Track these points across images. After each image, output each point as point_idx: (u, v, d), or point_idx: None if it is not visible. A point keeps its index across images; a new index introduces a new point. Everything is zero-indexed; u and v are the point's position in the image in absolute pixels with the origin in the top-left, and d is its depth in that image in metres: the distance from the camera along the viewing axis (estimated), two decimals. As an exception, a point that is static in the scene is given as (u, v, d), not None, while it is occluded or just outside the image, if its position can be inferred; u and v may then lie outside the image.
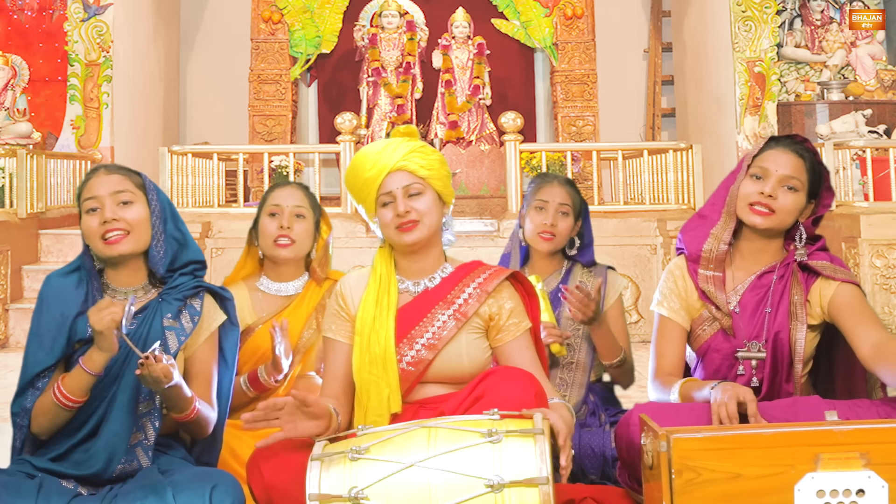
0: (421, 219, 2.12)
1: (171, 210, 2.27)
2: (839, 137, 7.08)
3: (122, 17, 7.99)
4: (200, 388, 2.21)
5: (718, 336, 2.36)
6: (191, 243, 2.28)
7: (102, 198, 2.16)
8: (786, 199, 2.31)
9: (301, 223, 2.73)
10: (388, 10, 9.07)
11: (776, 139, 2.40)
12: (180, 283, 2.21)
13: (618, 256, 6.39)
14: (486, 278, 2.17)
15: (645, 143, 8.74)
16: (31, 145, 7.62)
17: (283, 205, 2.73)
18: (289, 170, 7.38)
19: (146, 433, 2.12)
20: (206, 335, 2.25)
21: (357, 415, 2.14)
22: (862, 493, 1.73)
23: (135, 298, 2.11)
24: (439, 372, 2.13)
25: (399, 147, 2.16)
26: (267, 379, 2.58)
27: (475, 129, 8.90)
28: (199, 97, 9.92)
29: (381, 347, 2.10)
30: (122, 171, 2.22)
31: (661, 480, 1.76)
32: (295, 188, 2.80)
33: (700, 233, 2.41)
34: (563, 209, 2.83)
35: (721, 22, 7.93)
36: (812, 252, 2.36)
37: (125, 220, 2.15)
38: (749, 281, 2.37)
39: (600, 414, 2.80)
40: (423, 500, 1.72)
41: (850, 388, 2.38)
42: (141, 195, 2.21)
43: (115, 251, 2.15)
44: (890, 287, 5.67)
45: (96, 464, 2.07)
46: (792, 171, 2.32)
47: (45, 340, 2.13)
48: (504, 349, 2.17)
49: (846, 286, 2.29)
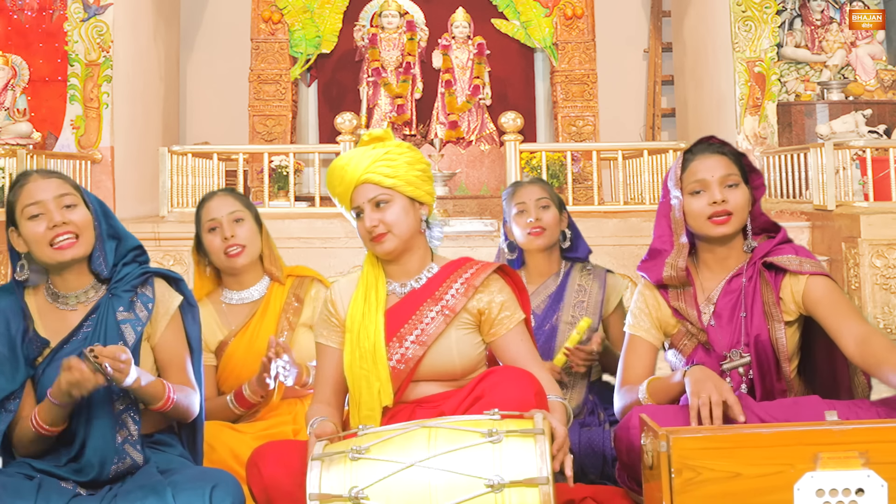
0: (390, 229, 2.12)
1: (102, 207, 2.21)
2: (839, 137, 7.08)
3: (122, 17, 7.99)
4: (176, 374, 2.18)
5: (699, 350, 2.36)
6: (124, 233, 2.23)
7: (46, 202, 2.09)
8: (736, 197, 2.31)
9: (242, 226, 2.70)
10: (388, 10, 9.07)
11: (689, 151, 2.39)
12: (126, 274, 2.17)
13: (618, 256, 6.39)
14: (473, 273, 2.17)
15: (645, 143, 8.74)
16: (31, 145, 7.62)
17: (218, 216, 2.69)
18: (289, 170, 7.38)
19: (129, 429, 2.10)
20: (167, 320, 2.21)
21: (351, 411, 2.16)
22: (861, 492, 1.73)
23: (91, 348, 2.02)
24: (430, 369, 2.14)
25: (363, 159, 2.14)
26: (252, 395, 2.57)
27: (475, 129, 8.90)
28: (199, 97, 9.92)
29: (371, 342, 2.11)
30: (57, 175, 2.16)
31: (661, 480, 1.77)
32: (222, 196, 2.76)
33: (657, 262, 2.39)
34: (542, 203, 2.86)
35: (721, 22, 7.93)
36: (775, 247, 2.35)
37: (74, 222, 2.10)
38: (720, 287, 2.36)
39: (600, 413, 2.81)
40: (424, 500, 1.72)
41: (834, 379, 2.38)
42: (80, 197, 2.15)
43: (65, 256, 2.09)
44: (890, 287, 5.67)
45: (91, 471, 2.07)
46: (725, 170, 2.32)
47: (3, 368, 2.08)
48: (499, 343, 2.17)
49: (816, 279, 2.28)
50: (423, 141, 8.83)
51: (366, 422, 2.09)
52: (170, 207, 6.90)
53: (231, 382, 2.65)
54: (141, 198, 8.02)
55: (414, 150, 2.19)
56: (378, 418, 2.10)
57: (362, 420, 2.10)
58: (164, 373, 2.19)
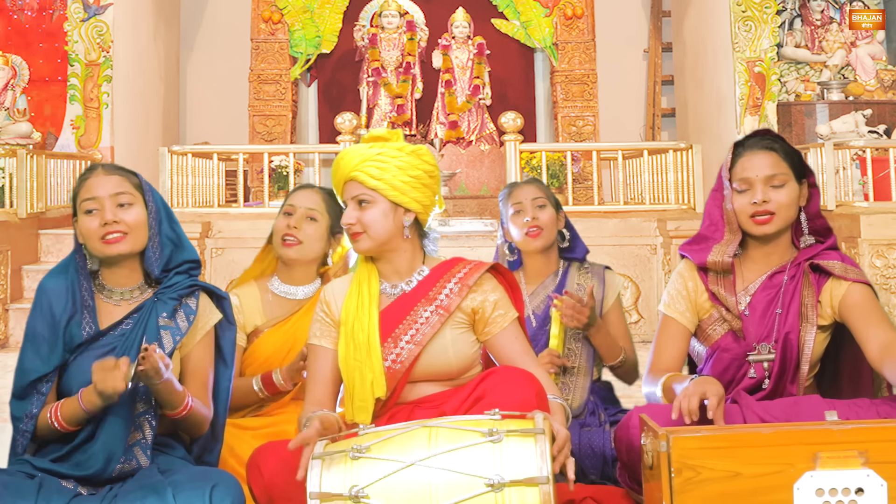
0: (365, 230, 2.13)
1: (167, 211, 2.27)
2: (839, 137, 7.08)
3: (122, 17, 7.99)
4: (196, 387, 2.21)
5: (728, 337, 2.35)
6: (185, 243, 2.27)
7: (102, 199, 2.16)
8: (780, 197, 2.29)
9: (311, 225, 2.71)
10: (388, 10, 9.07)
11: (740, 144, 2.38)
12: (175, 283, 2.21)
13: (618, 256, 6.39)
14: (466, 272, 2.17)
15: (645, 143, 8.74)
16: (31, 145, 7.62)
17: (296, 205, 2.73)
18: (289, 170, 7.39)
19: (144, 433, 2.12)
20: (202, 334, 2.25)
21: (346, 403, 2.16)
22: (861, 491, 1.74)
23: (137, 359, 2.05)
24: (427, 369, 2.14)
25: (355, 156, 2.14)
26: (283, 383, 2.58)
27: (475, 129, 8.91)
28: (199, 97, 9.92)
29: (365, 334, 2.12)
30: (120, 172, 2.22)
31: (661, 480, 1.77)
32: (313, 191, 2.79)
33: (703, 247, 2.40)
34: (538, 202, 2.85)
35: (721, 22, 7.93)
36: (823, 251, 2.34)
37: (125, 221, 2.15)
38: (760, 281, 2.36)
39: (600, 413, 2.80)
40: (424, 499, 1.72)
41: (856, 391, 2.37)
42: (139, 196, 2.21)
43: (113, 250, 2.15)
44: (890, 287, 5.67)
45: (95, 464, 2.07)
46: (771, 169, 2.30)
47: (40, 348, 2.12)
48: (493, 342, 2.17)
49: (857, 286, 2.27)
50: (423, 141, 8.84)
51: (358, 413, 2.10)
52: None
53: (254, 368, 2.66)
54: (141, 198, 8.01)
55: (414, 157, 2.15)
56: (370, 409, 2.10)
57: (355, 411, 2.11)
58: (184, 384, 2.20)
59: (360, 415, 2.10)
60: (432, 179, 2.19)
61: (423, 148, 2.21)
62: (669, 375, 2.29)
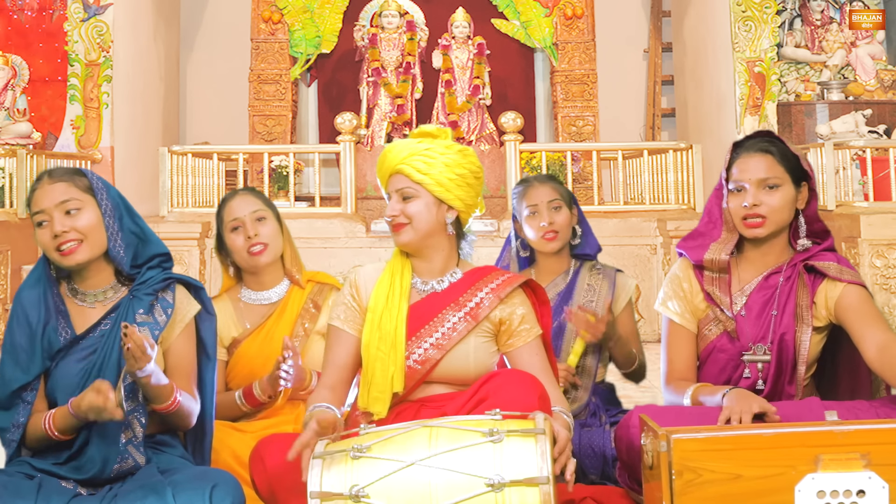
0: (410, 222, 2.15)
1: (125, 205, 2.23)
2: (839, 137, 7.08)
3: (122, 17, 7.98)
4: (181, 380, 2.19)
5: (724, 337, 2.36)
6: (151, 236, 2.25)
7: (50, 210, 2.12)
8: (771, 200, 2.29)
9: (265, 224, 2.71)
10: (388, 10, 9.06)
11: (739, 144, 2.37)
12: (149, 278, 2.19)
13: (618, 256, 6.38)
14: (500, 284, 2.19)
15: (645, 143, 8.73)
16: (31, 145, 7.62)
17: (240, 216, 2.69)
18: (289, 170, 7.39)
19: (134, 430, 2.11)
20: (182, 327, 2.23)
21: (361, 391, 2.16)
22: (862, 493, 1.73)
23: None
24: (445, 372, 2.15)
25: (403, 150, 2.17)
26: (261, 395, 2.57)
27: (475, 129, 8.90)
28: (199, 97, 9.91)
29: (393, 325, 2.13)
30: (65, 178, 2.16)
31: (662, 481, 1.77)
32: (244, 195, 2.77)
33: (700, 243, 2.40)
34: (554, 205, 2.84)
35: (721, 22, 7.92)
36: (818, 252, 2.34)
37: (76, 229, 2.12)
38: (756, 282, 2.36)
39: (601, 414, 2.80)
40: (424, 499, 1.72)
41: (854, 391, 2.37)
42: (89, 198, 2.16)
43: (71, 261, 2.12)
44: (890, 287, 5.67)
45: (92, 468, 2.08)
46: (765, 172, 2.29)
47: (19, 357, 2.12)
48: (514, 353, 2.19)
49: (852, 287, 2.27)
50: (423, 141, 8.82)
51: (374, 403, 2.11)
52: (170, 207, 6.90)
53: (239, 381, 2.66)
54: (141, 198, 8.00)
55: (461, 156, 2.17)
56: (387, 402, 2.11)
57: (370, 401, 2.12)
58: (170, 378, 2.19)
59: (375, 405, 2.12)
60: (477, 180, 2.21)
61: (470, 149, 2.23)
62: (696, 387, 2.29)
